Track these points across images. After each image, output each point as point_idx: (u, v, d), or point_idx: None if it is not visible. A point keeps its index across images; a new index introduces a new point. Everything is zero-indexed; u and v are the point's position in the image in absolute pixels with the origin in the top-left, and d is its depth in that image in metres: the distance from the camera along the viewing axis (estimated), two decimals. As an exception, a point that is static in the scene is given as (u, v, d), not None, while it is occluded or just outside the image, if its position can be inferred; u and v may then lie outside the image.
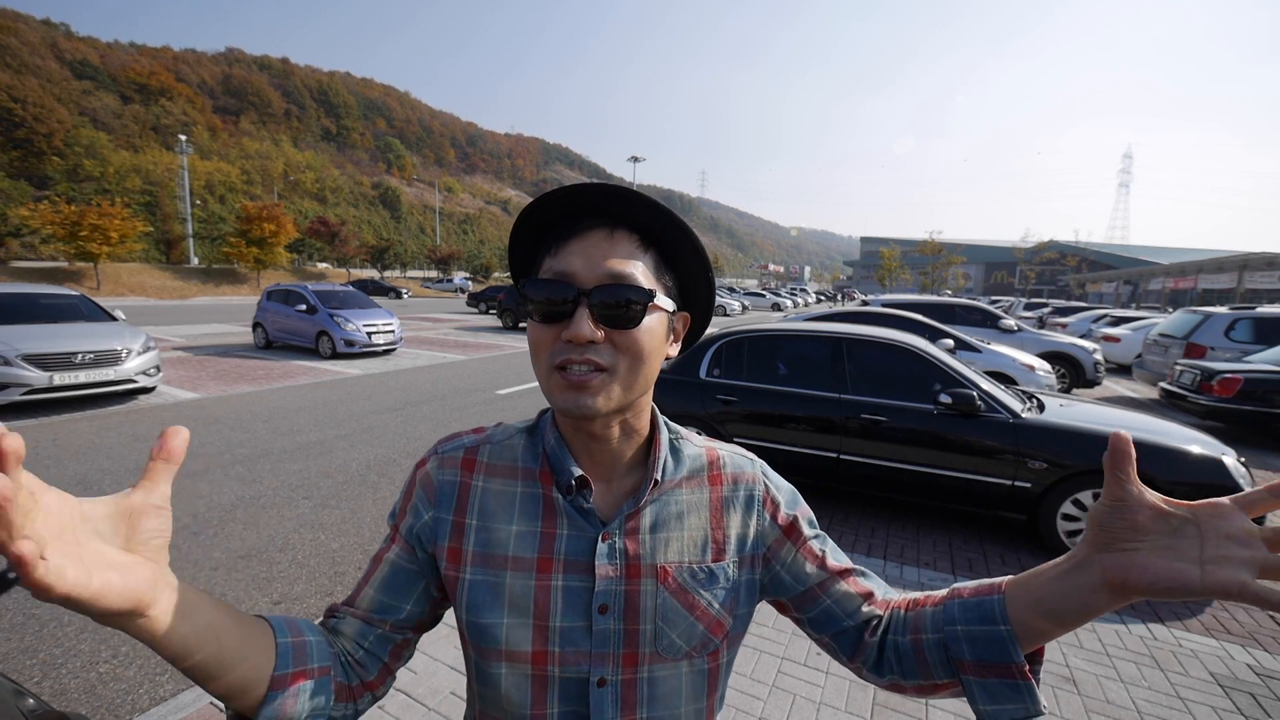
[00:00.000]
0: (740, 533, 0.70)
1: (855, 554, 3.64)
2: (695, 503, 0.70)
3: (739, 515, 0.71)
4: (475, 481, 0.69)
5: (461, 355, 12.57)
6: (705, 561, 0.68)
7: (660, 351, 0.65)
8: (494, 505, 0.68)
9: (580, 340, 0.58)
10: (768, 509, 0.72)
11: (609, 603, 0.64)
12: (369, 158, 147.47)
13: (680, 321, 0.70)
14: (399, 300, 36.68)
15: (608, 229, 0.62)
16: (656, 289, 0.62)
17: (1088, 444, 3.53)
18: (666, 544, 0.67)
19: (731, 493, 0.71)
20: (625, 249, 0.62)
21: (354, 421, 6.70)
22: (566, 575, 0.65)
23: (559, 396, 0.60)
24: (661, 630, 0.65)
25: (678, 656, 0.66)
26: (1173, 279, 35.08)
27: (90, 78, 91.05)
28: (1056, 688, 2.45)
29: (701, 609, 0.67)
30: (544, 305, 0.61)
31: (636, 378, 0.62)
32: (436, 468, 0.70)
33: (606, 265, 0.60)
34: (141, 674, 2.44)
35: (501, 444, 0.71)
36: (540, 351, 0.61)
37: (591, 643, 0.64)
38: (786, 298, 40.56)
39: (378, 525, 3.98)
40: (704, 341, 4.82)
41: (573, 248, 0.61)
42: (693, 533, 0.68)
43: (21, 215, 33.99)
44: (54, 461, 5.00)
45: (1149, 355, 9.56)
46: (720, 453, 0.74)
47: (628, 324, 0.60)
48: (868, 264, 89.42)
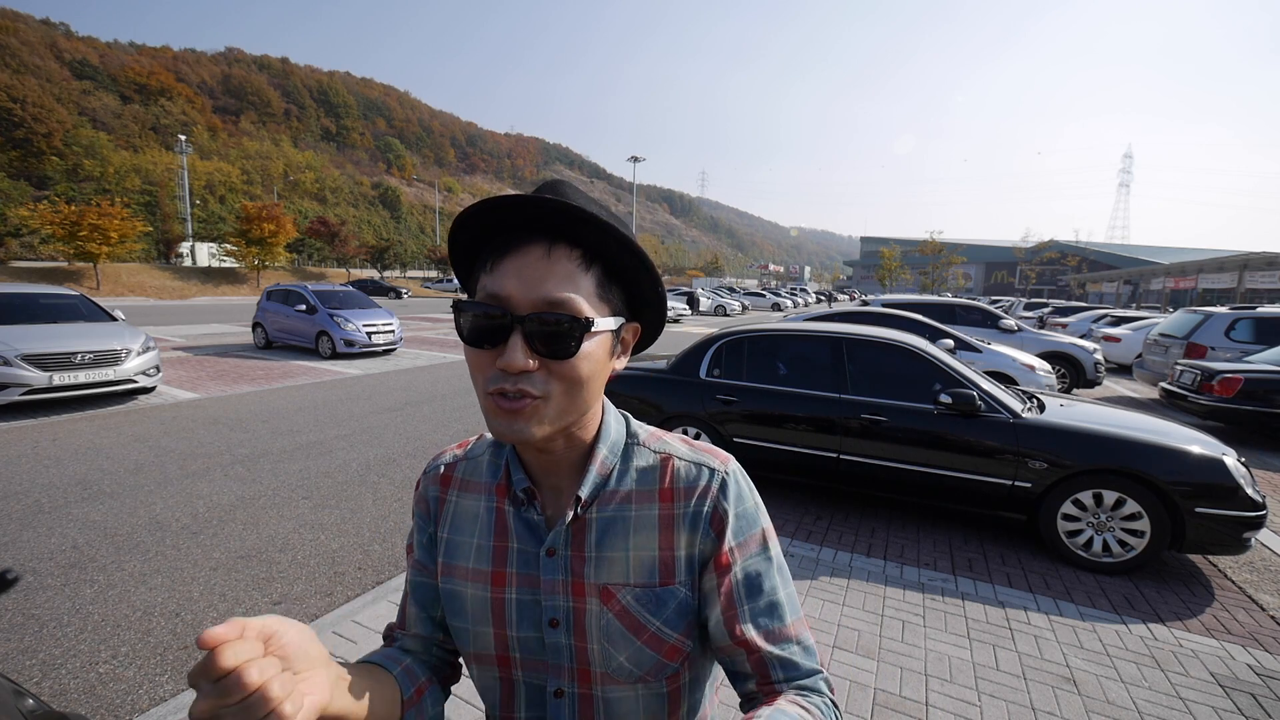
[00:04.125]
0: (689, 552, 0.65)
1: (855, 554, 3.65)
2: (643, 519, 0.65)
3: (685, 534, 0.65)
4: (450, 496, 0.73)
5: (461, 355, 12.57)
6: (653, 585, 0.64)
7: (603, 373, 0.61)
8: (462, 519, 0.71)
9: (513, 370, 0.55)
10: (713, 525, 0.65)
11: (558, 617, 0.65)
12: (369, 158, 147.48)
13: (630, 332, 0.67)
14: (399, 300, 36.69)
15: (546, 246, 0.57)
16: (598, 312, 0.59)
17: (1088, 444, 3.52)
18: (611, 564, 0.64)
19: (682, 509, 0.65)
20: (564, 269, 0.57)
21: (354, 421, 6.69)
22: (519, 589, 0.66)
23: (493, 421, 0.58)
24: (608, 651, 0.64)
25: (630, 680, 0.64)
26: (1173, 279, 35.07)
27: (90, 77, 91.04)
28: (1056, 688, 2.45)
29: (650, 634, 0.63)
30: (475, 330, 0.57)
31: (573, 403, 0.59)
32: (425, 486, 0.75)
33: (542, 290, 0.55)
34: (141, 674, 2.44)
35: (474, 459, 0.74)
36: (476, 374, 0.58)
37: (547, 654, 0.66)
38: (786, 298, 40.54)
39: (378, 525, 3.98)
40: (704, 341, 4.82)
41: (507, 267, 0.57)
42: (639, 552, 0.64)
43: (21, 215, 33.99)
44: (54, 461, 5.00)
45: (1149, 355, 9.55)
46: (676, 462, 0.68)
47: (564, 354, 0.56)
48: (868, 264, 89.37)
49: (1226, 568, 3.65)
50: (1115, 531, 3.47)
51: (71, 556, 3.38)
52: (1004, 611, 3.04)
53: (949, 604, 3.10)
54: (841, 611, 3.00)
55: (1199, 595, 3.30)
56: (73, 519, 3.88)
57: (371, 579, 3.30)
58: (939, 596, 3.18)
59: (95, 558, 3.38)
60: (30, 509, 4.02)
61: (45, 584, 3.08)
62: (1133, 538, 3.42)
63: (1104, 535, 3.49)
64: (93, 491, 4.37)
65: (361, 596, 3.09)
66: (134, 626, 2.76)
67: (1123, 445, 3.45)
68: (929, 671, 2.53)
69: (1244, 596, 3.31)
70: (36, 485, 4.45)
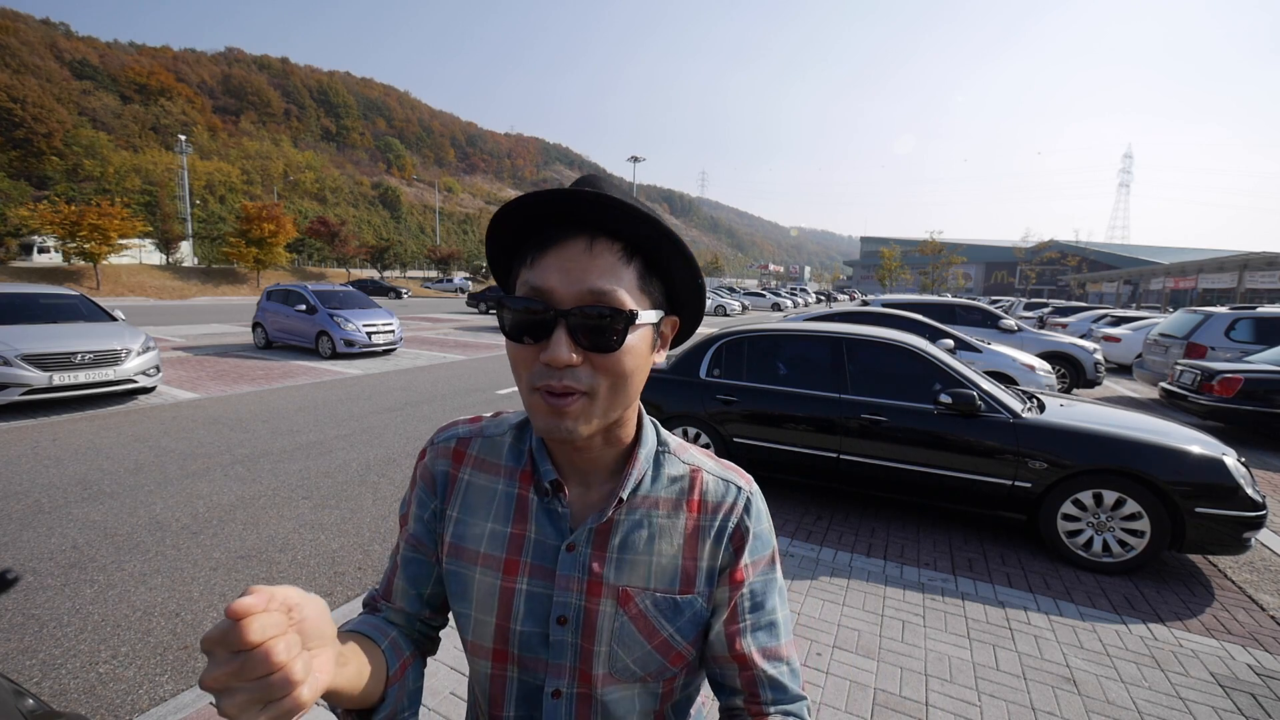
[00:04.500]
0: (710, 564, 0.67)
1: (855, 554, 3.65)
2: (669, 528, 0.67)
3: (710, 546, 0.67)
4: (463, 474, 0.70)
5: (461, 355, 12.57)
6: (673, 592, 0.65)
7: (645, 367, 0.62)
8: (475, 500, 0.69)
9: (558, 364, 0.54)
10: (734, 543, 0.68)
11: (567, 615, 0.64)
12: (369, 158, 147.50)
13: (669, 325, 0.67)
14: (399, 300, 36.66)
15: (587, 240, 0.57)
16: (640, 305, 0.59)
17: (1088, 444, 3.52)
18: (633, 567, 0.65)
19: (709, 522, 0.67)
20: (606, 262, 0.57)
21: (354, 421, 6.70)
22: (531, 579, 0.65)
23: (539, 418, 0.58)
24: (616, 653, 0.64)
25: (632, 680, 0.65)
26: (1173, 279, 35.07)
27: (90, 77, 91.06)
28: (1056, 688, 2.45)
29: (662, 639, 0.65)
30: (519, 325, 0.57)
31: (618, 398, 0.59)
32: (433, 459, 0.72)
33: (586, 283, 0.55)
34: (141, 674, 2.44)
35: (493, 439, 0.72)
36: (519, 370, 0.59)
37: (549, 652, 0.65)
38: (786, 298, 40.53)
39: (378, 525, 3.98)
40: (704, 341, 4.82)
41: (550, 261, 0.57)
42: (662, 559, 0.66)
43: (21, 215, 33.95)
44: (54, 461, 5.00)
45: (1149, 355, 9.55)
46: (706, 476, 0.70)
47: (608, 347, 0.56)
48: (868, 264, 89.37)
49: (1226, 568, 3.65)
50: (1115, 531, 3.47)
51: (71, 556, 3.38)
52: (1004, 611, 3.04)
53: (949, 604, 3.10)
54: (841, 611, 3.00)
55: (1199, 595, 3.30)
56: (73, 519, 3.88)
57: (371, 579, 3.30)
58: (939, 596, 3.18)
59: (95, 558, 3.38)
60: (30, 509, 4.02)
61: (45, 584, 3.09)
62: (1133, 538, 3.43)
63: (1104, 535, 3.49)
64: (93, 491, 4.37)
65: (361, 596, 3.09)
66: (134, 626, 2.76)
67: (1123, 445, 3.45)
68: (929, 671, 2.54)
69: (1244, 596, 3.31)
70: (36, 485, 4.45)
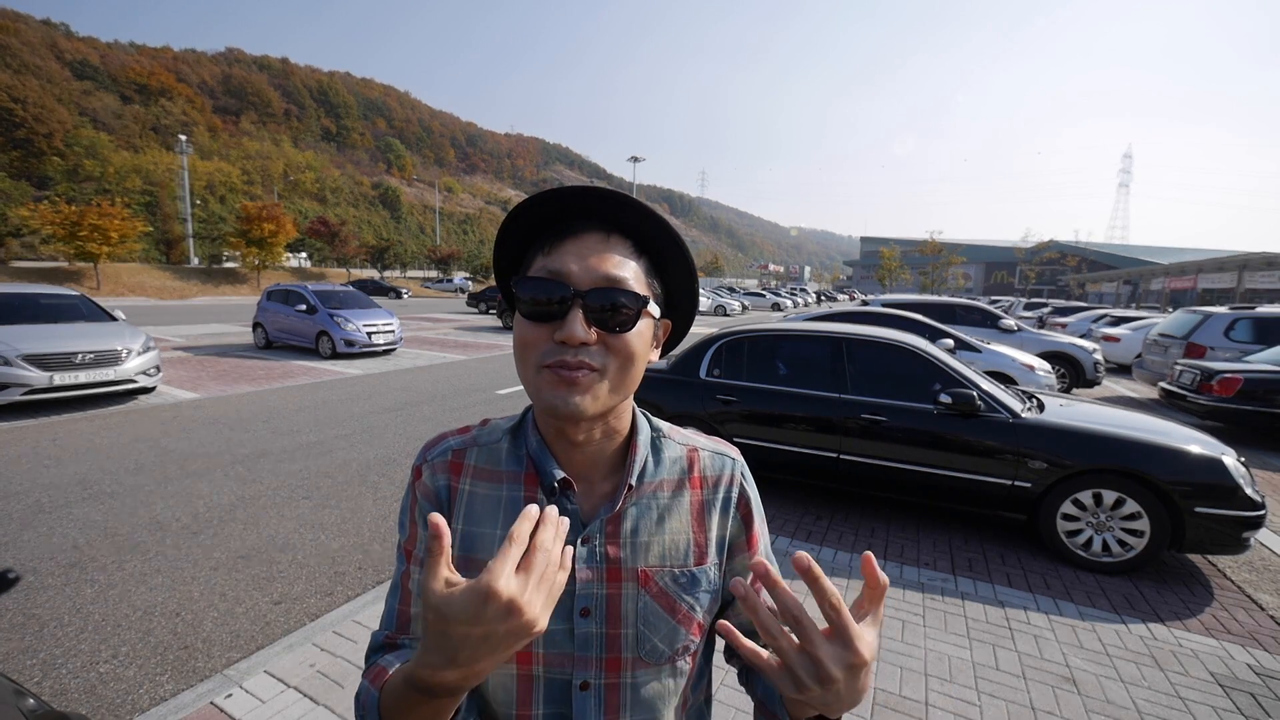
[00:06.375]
0: (719, 534, 0.72)
1: (855, 554, 3.64)
2: (676, 506, 0.70)
3: (717, 517, 0.72)
4: (463, 485, 0.70)
5: (461, 355, 12.57)
6: (688, 565, 0.69)
7: (647, 356, 0.65)
8: (480, 509, 0.68)
9: (573, 342, 0.58)
10: (740, 510, 0.74)
11: (590, 606, 0.65)
12: (369, 158, 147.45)
13: (662, 328, 0.71)
14: (399, 300, 36.66)
15: (603, 232, 0.62)
16: (648, 295, 0.63)
17: (1088, 444, 3.53)
18: (648, 548, 0.67)
19: (711, 495, 0.72)
20: (620, 253, 0.62)
21: (354, 421, 6.70)
22: None
23: (547, 393, 0.60)
24: (644, 635, 0.66)
25: (660, 661, 0.67)
26: (1173, 279, 35.06)
27: (90, 78, 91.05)
28: (1056, 688, 2.45)
29: (684, 613, 0.68)
30: (535, 304, 0.60)
31: (624, 380, 0.62)
32: (430, 475, 0.70)
33: (602, 268, 0.60)
34: (141, 674, 2.45)
35: (488, 447, 0.72)
36: (529, 350, 0.61)
37: (574, 646, 0.65)
38: (786, 298, 40.53)
39: (378, 525, 3.98)
40: (704, 341, 4.82)
41: (568, 248, 0.61)
42: (674, 536, 0.69)
43: (21, 215, 33.94)
44: (54, 461, 5.00)
45: (1149, 355, 9.55)
46: (701, 452, 0.74)
47: (621, 327, 0.60)
48: (868, 264, 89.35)
49: (1226, 568, 3.65)
50: (1115, 531, 3.47)
51: (72, 556, 3.39)
52: (1004, 611, 3.04)
53: (949, 604, 3.10)
54: (841, 611, 3.00)
55: (1199, 595, 3.30)
56: (73, 519, 3.89)
57: (371, 579, 3.30)
58: (939, 596, 3.18)
59: (95, 558, 3.39)
60: (30, 509, 4.02)
61: (45, 584, 3.09)
62: (1132, 537, 3.43)
63: (1104, 535, 3.50)
64: (93, 491, 4.38)
65: (361, 596, 3.09)
66: (134, 626, 2.76)
67: (1122, 445, 3.46)
68: (929, 671, 2.54)
69: (1244, 596, 3.31)
70: (37, 485, 4.46)
